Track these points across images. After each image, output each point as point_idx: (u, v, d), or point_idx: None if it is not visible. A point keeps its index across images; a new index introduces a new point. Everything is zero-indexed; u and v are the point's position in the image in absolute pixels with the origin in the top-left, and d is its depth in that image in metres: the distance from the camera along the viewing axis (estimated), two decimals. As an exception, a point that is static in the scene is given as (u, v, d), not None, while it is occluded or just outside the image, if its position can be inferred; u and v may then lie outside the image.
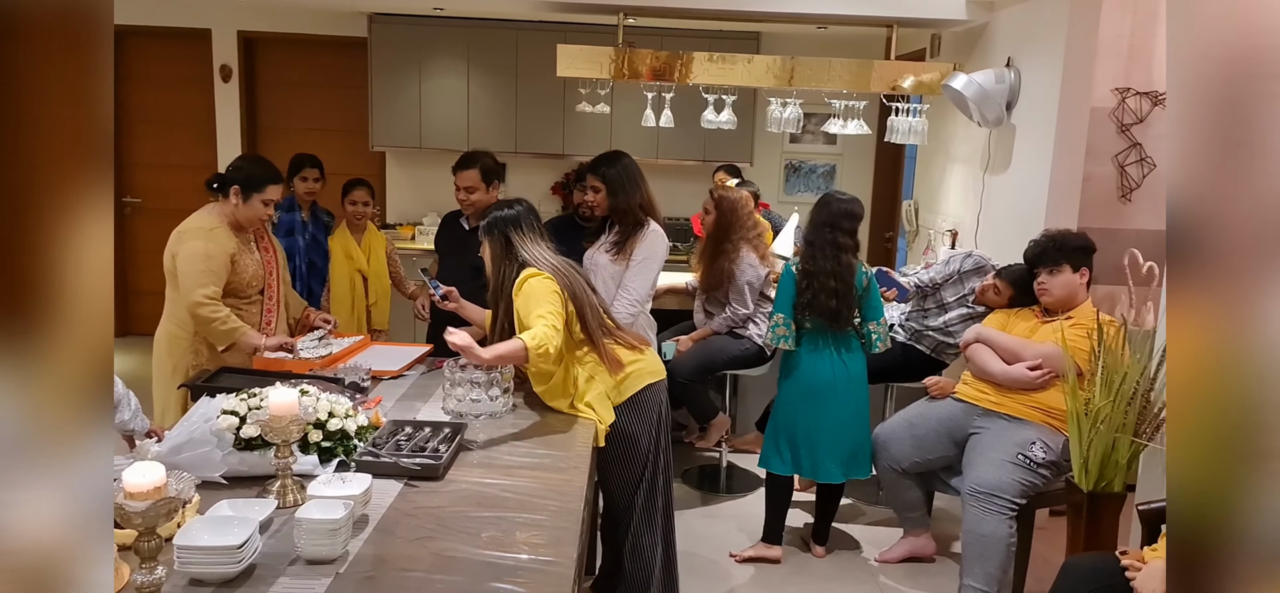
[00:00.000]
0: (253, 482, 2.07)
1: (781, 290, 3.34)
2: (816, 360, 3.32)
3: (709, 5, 4.35)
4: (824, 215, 3.30)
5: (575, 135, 6.02)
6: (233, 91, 6.17)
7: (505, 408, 2.67)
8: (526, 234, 2.69)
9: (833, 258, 3.25)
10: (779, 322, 3.32)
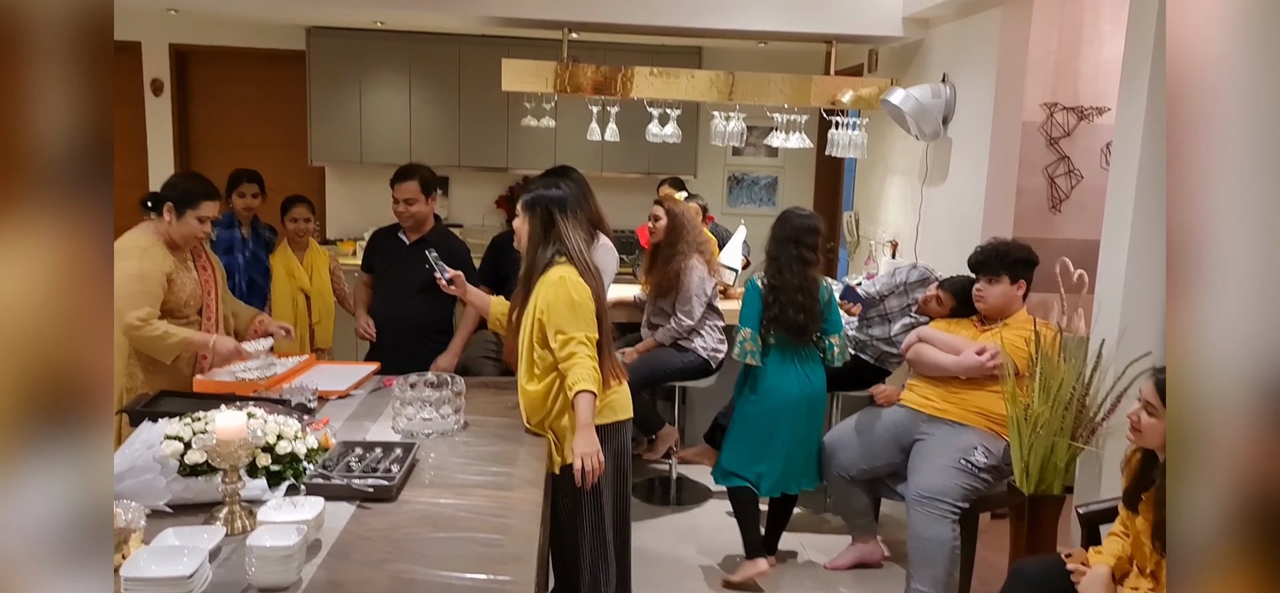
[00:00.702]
0: (198, 509, 2.01)
1: (747, 305, 3.33)
2: (782, 376, 3.31)
3: (651, 21, 4.39)
4: (787, 231, 3.32)
5: (519, 149, 6.00)
6: (165, 106, 5.99)
7: (457, 426, 2.65)
8: (571, 219, 2.52)
9: (799, 273, 3.27)
10: (746, 337, 3.29)
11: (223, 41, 5.97)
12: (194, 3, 4.25)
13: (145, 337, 2.85)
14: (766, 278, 3.32)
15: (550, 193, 2.53)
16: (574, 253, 2.50)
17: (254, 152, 5.90)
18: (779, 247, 3.32)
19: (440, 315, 3.70)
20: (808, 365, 3.34)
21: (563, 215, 2.51)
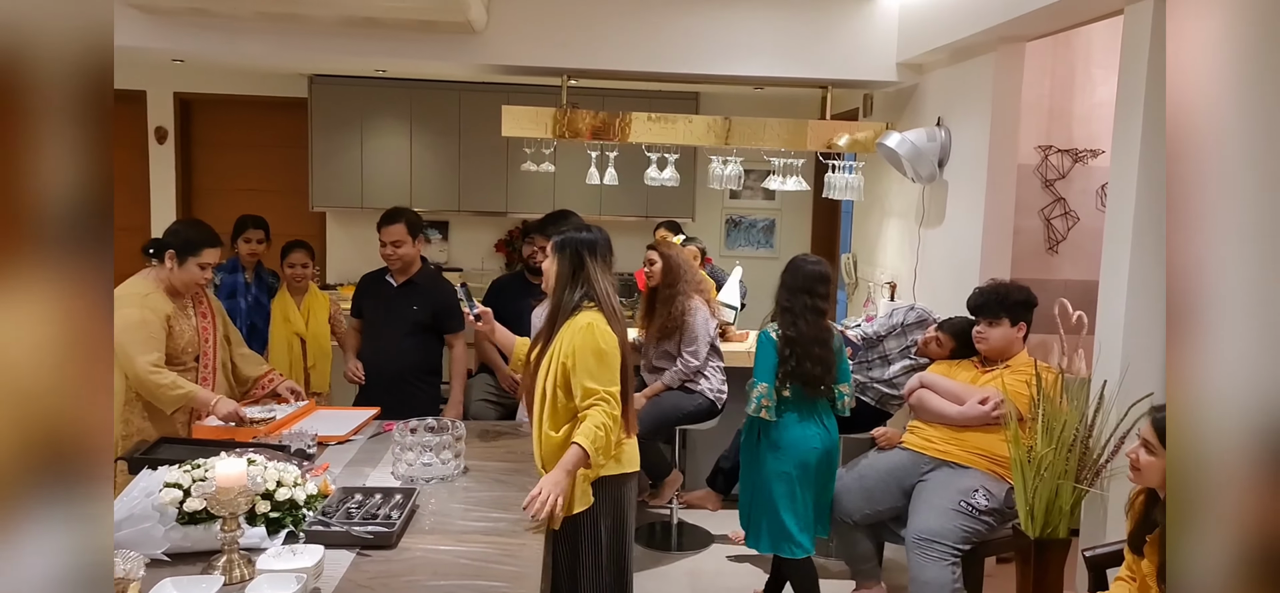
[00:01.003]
0: (196, 558, 1.99)
1: (762, 359, 3.18)
2: (805, 430, 3.17)
3: (649, 67, 4.45)
4: (799, 280, 3.20)
5: (519, 193, 6.05)
6: (168, 153, 6.05)
7: (457, 471, 2.64)
8: (599, 263, 2.50)
9: (814, 323, 3.15)
10: (763, 392, 3.13)
11: (226, 90, 6.04)
12: (198, 52, 4.30)
13: (154, 383, 2.85)
14: (780, 329, 3.19)
15: (581, 235, 2.51)
16: (602, 297, 2.48)
17: (256, 197, 5.94)
18: (792, 297, 3.20)
19: (428, 358, 3.72)
20: (826, 416, 3.22)
21: (592, 258, 2.49)
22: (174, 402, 2.89)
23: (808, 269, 3.23)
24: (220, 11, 3.89)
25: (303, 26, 4.12)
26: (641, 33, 4.37)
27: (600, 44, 4.36)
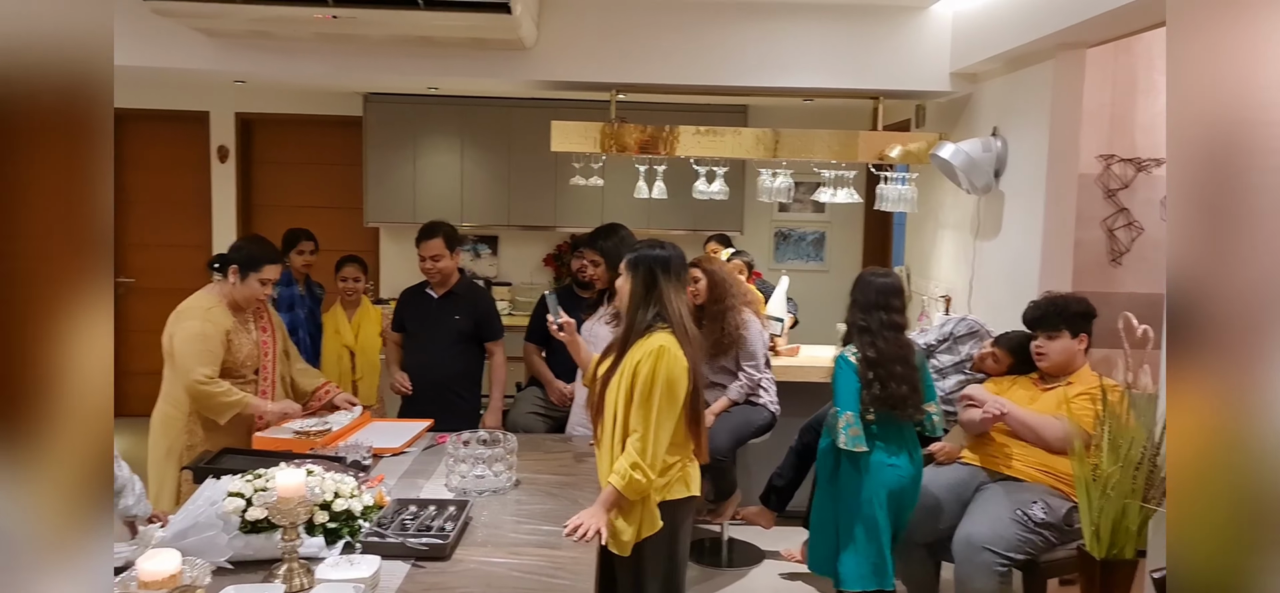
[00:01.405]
0: (257, 566, 2.03)
1: (843, 386, 3.02)
2: (893, 459, 2.99)
3: (698, 80, 4.45)
4: (870, 296, 3.04)
5: (567, 208, 6.09)
6: (229, 171, 6.22)
7: (509, 484, 2.66)
8: (673, 282, 2.47)
9: (893, 340, 2.98)
10: (849, 421, 2.95)
11: (285, 109, 6.20)
12: (259, 73, 4.43)
13: (207, 393, 2.93)
14: (858, 351, 3.01)
15: (654, 253, 2.48)
16: (674, 317, 2.45)
17: (312, 213, 6.07)
18: (867, 314, 3.02)
19: (471, 367, 3.80)
20: (913, 443, 3.05)
21: (666, 277, 2.46)
22: (228, 409, 2.96)
23: (879, 283, 3.07)
24: (281, 33, 4.00)
25: (359, 46, 4.21)
26: (690, 46, 4.38)
27: (649, 58, 4.37)
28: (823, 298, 6.31)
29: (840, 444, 2.99)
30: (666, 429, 2.39)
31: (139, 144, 6.26)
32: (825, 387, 4.31)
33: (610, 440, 2.46)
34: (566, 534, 2.31)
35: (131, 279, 6.34)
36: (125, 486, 2.08)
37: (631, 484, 2.34)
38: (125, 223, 6.30)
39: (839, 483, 3.11)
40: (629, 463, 2.35)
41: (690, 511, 2.56)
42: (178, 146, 6.24)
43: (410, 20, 3.66)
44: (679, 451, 2.49)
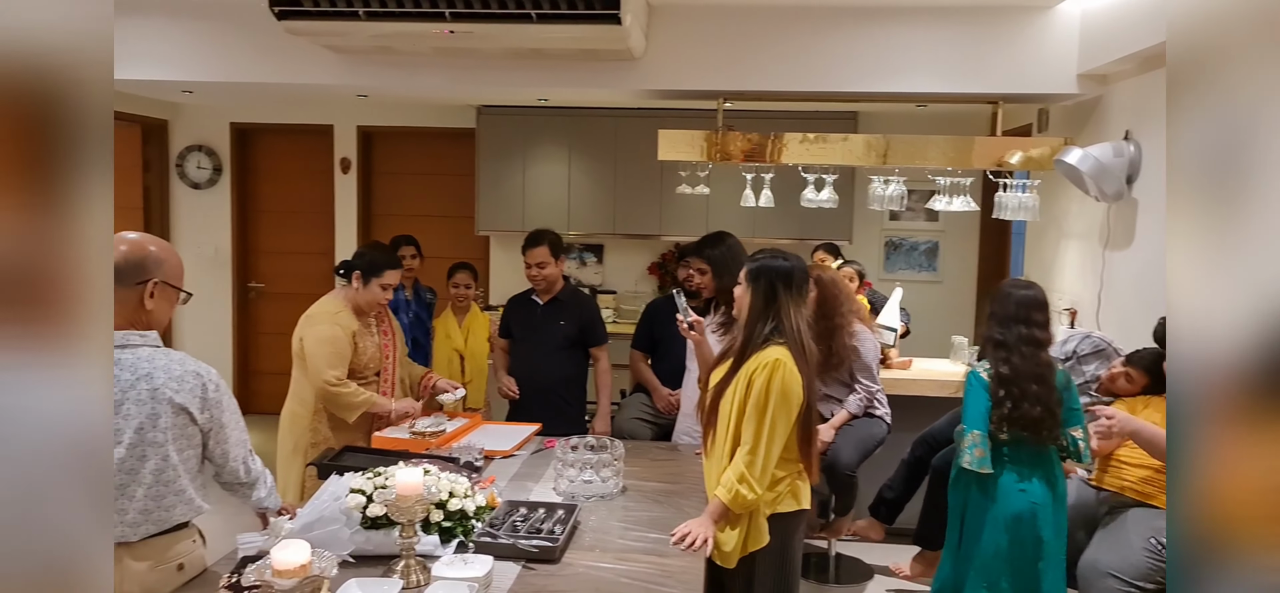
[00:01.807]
0: (377, 561, 2.11)
1: (972, 403, 2.87)
2: (1030, 484, 2.84)
3: (807, 87, 4.39)
4: (1010, 308, 2.89)
5: (672, 216, 6.10)
6: (351, 182, 6.53)
7: (616, 490, 2.68)
8: (794, 297, 2.43)
9: (1031, 357, 2.82)
10: (975, 441, 2.81)
11: (403, 122, 6.46)
12: (381, 87, 4.63)
13: (336, 394, 3.08)
14: (992, 367, 2.87)
15: (775, 265, 2.44)
16: (791, 332, 2.41)
17: (426, 222, 6.30)
18: (1004, 328, 2.88)
19: (576, 372, 3.84)
20: (1052, 469, 2.88)
21: (786, 291, 2.42)
22: (355, 409, 3.11)
23: (1020, 295, 2.91)
24: (401, 49, 4.17)
25: (474, 60, 4.34)
26: (799, 53, 4.32)
27: (757, 66, 4.34)
28: (936, 309, 6.12)
29: (964, 465, 2.86)
30: (778, 444, 2.36)
31: (270, 156, 6.65)
32: (938, 400, 4.18)
33: (721, 451, 2.45)
34: (673, 542, 2.31)
35: (261, 284, 6.73)
36: (258, 479, 2.20)
37: (737, 498, 2.33)
38: (256, 231, 6.70)
39: (967, 505, 2.98)
40: (736, 476, 2.34)
41: (800, 525, 2.52)
42: (304, 158, 6.60)
43: (523, 33, 3.76)
44: (790, 466, 2.45)
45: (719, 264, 3.47)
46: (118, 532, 1.91)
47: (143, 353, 1.94)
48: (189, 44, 4.39)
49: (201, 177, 6.46)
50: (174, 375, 1.95)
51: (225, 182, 6.49)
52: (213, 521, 2.18)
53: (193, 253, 6.40)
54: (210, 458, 2.07)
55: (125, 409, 1.89)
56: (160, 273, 1.98)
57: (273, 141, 6.63)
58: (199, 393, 1.98)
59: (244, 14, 4.25)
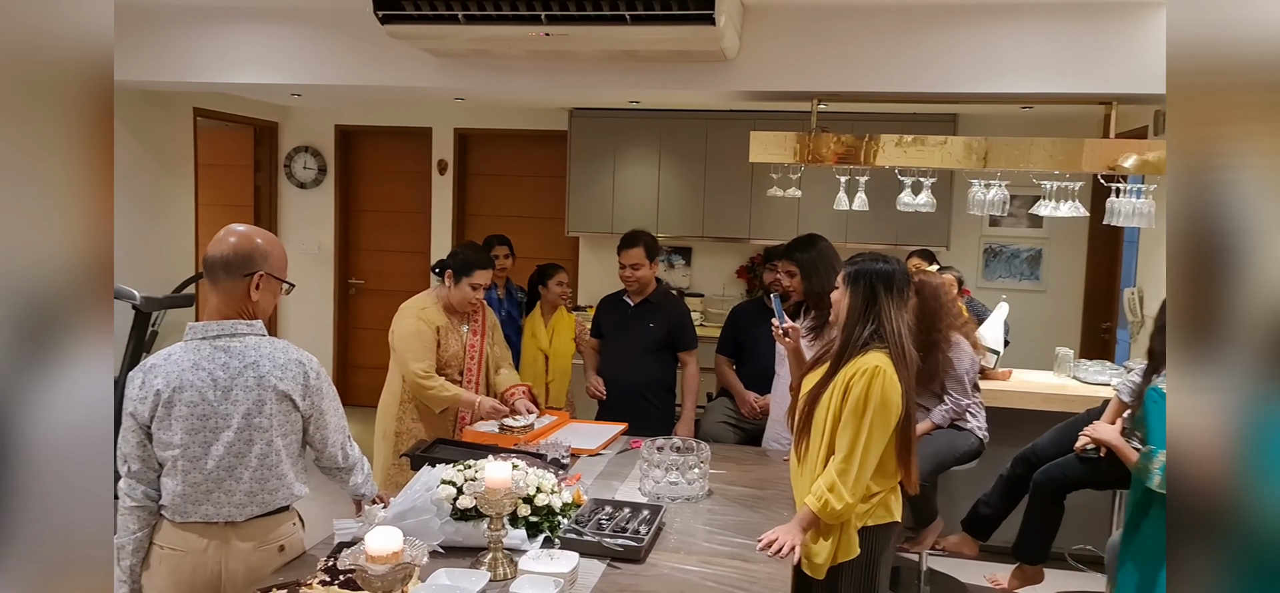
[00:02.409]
0: (465, 552, 2.15)
1: (1155, 421, 2.72)
2: None
3: (905, 87, 4.26)
4: None
5: (762, 220, 6.04)
6: (447, 183, 6.70)
7: (702, 492, 2.65)
8: (895, 300, 2.37)
9: None
10: (1164, 463, 2.63)
11: (497, 125, 6.60)
12: (477, 90, 4.73)
13: (423, 386, 3.16)
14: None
15: (876, 267, 2.39)
16: (892, 336, 2.35)
17: (518, 223, 6.41)
18: None
19: (664, 375, 3.83)
20: None
21: (887, 294, 2.36)
22: (440, 402, 3.19)
23: None
24: (497, 51, 4.25)
25: (568, 62, 4.39)
26: (897, 52, 4.20)
27: (853, 66, 4.24)
28: (1038, 320, 5.86)
29: (1152, 486, 2.69)
30: (874, 455, 2.29)
31: (372, 157, 6.89)
32: (1039, 414, 3.99)
33: (813, 459, 2.39)
34: (760, 548, 2.27)
35: (361, 281, 6.98)
36: (356, 465, 2.27)
37: (827, 507, 2.27)
38: (358, 230, 6.95)
39: (1147, 529, 2.79)
40: (826, 485, 2.28)
41: (891, 538, 2.44)
42: (404, 160, 6.81)
43: (617, 35, 3.77)
44: (886, 480, 2.38)
45: (809, 267, 3.40)
46: (225, 512, 2.00)
47: (249, 342, 2.03)
48: (298, 48, 4.58)
49: (307, 176, 6.75)
50: (278, 363, 2.03)
51: (329, 181, 6.76)
52: (311, 507, 2.26)
53: (298, 249, 6.69)
54: (310, 443, 2.15)
55: (234, 395, 1.98)
56: (266, 265, 2.06)
57: (374, 143, 6.87)
58: (301, 380, 2.06)
59: (349, 19, 4.41)
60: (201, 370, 1.98)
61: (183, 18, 4.60)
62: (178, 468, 1.98)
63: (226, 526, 2.01)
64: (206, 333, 2.01)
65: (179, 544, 2.01)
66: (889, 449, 2.32)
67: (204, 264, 2.06)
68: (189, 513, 2.00)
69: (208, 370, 1.98)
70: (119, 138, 5.01)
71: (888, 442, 2.31)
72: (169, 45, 4.65)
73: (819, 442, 2.37)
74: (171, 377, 1.97)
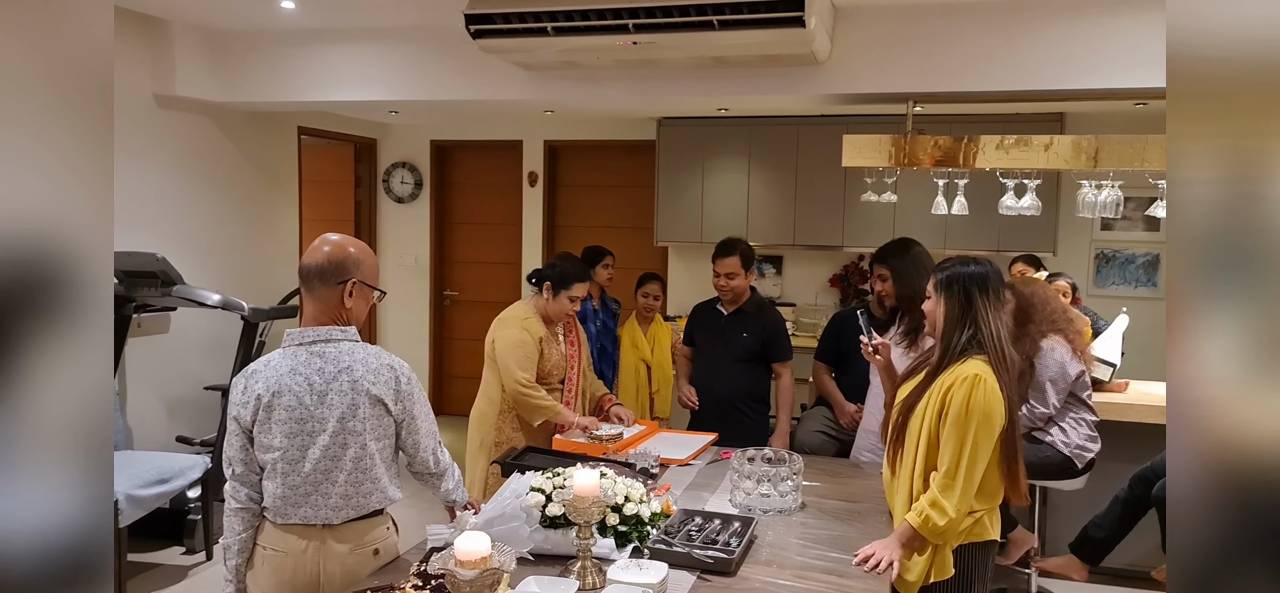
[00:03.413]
0: (554, 560, 2.14)
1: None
2: None
3: (1007, 86, 4.08)
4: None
5: (856, 227, 5.88)
6: (537, 195, 6.80)
7: (795, 505, 2.58)
8: (992, 301, 2.28)
9: None
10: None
11: (587, 136, 6.66)
12: (566, 102, 4.78)
13: (525, 395, 3.18)
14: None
15: (969, 270, 2.30)
16: (991, 338, 2.25)
17: (607, 233, 6.44)
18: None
19: (758, 385, 3.75)
20: None
21: (982, 296, 2.27)
22: (541, 413, 3.20)
23: None
24: (586, 62, 4.28)
25: (656, 71, 4.38)
26: (998, 49, 4.03)
27: (950, 65, 4.09)
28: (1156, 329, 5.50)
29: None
30: (978, 469, 2.18)
31: (465, 171, 7.05)
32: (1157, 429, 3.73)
33: (910, 473, 2.29)
34: (856, 563, 2.18)
35: (455, 292, 7.14)
36: (446, 470, 2.30)
37: (928, 524, 2.17)
38: (453, 242, 7.12)
39: None
40: (929, 502, 2.18)
41: (988, 557, 2.32)
42: (495, 172, 6.94)
43: (705, 42, 3.74)
44: (989, 497, 2.26)
45: (901, 272, 3.29)
46: (322, 514, 2.05)
47: (343, 347, 2.07)
48: (395, 66, 4.72)
49: (404, 191, 6.95)
50: (371, 368, 2.07)
51: (425, 195, 6.95)
52: (406, 512, 2.30)
53: (395, 262, 6.90)
54: (402, 448, 2.18)
55: (329, 399, 2.03)
56: (358, 273, 2.11)
57: (467, 157, 7.03)
58: (393, 385, 2.09)
59: (444, 36, 4.52)
60: (299, 375, 2.03)
61: (288, 41, 4.81)
62: (277, 471, 2.03)
63: (324, 528, 2.06)
64: (303, 339, 2.07)
65: (280, 545, 2.06)
66: (992, 461, 2.20)
67: (300, 273, 2.11)
68: (289, 515, 2.05)
69: (304, 375, 2.03)
70: (228, 156, 5.28)
71: (992, 455, 2.19)
72: (275, 68, 4.86)
73: (913, 454, 2.28)
74: (271, 382, 2.03)
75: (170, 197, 4.85)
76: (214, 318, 4.94)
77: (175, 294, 4.11)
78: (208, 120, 5.10)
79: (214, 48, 4.85)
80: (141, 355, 4.71)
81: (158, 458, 4.04)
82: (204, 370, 5.05)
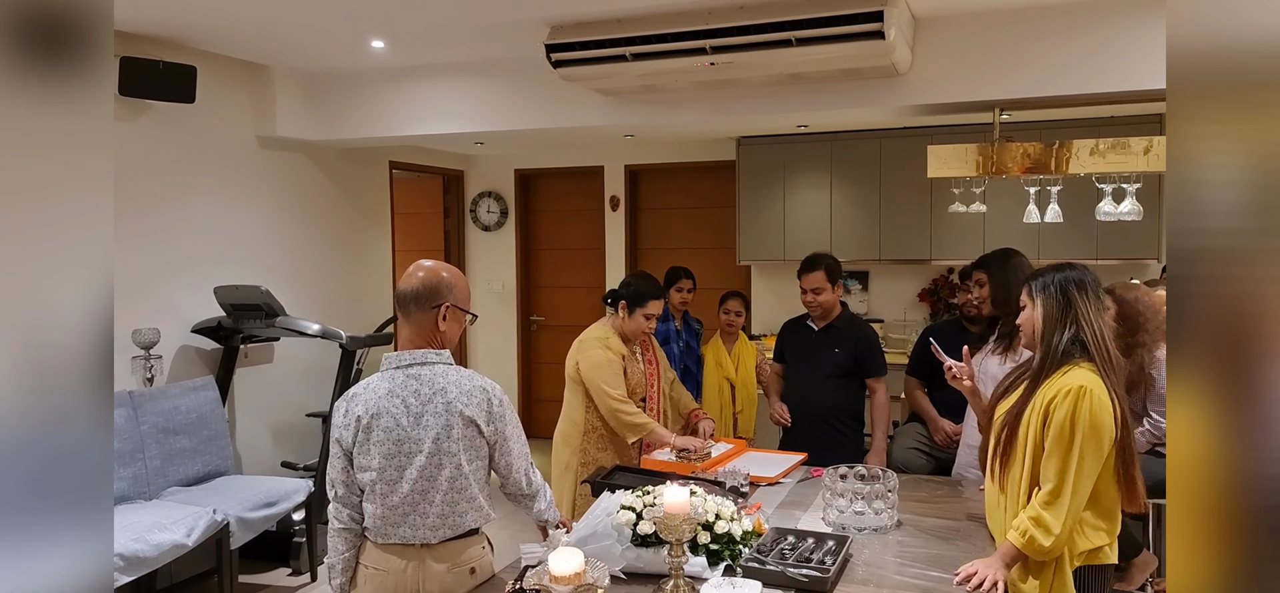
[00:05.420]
0: (646, 579, 2.14)
1: None
2: None
3: (1099, 88, 3.93)
4: None
5: (944, 239, 5.74)
6: (619, 219, 6.87)
7: (890, 523, 2.52)
8: (1092, 300, 2.18)
9: None
10: None
11: (666, 159, 6.70)
12: (646, 125, 4.83)
13: (619, 411, 3.21)
14: None
15: (1064, 273, 2.21)
16: (1095, 339, 2.15)
17: (689, 254, 6.46)
18: None
19: (851, 402, 3.69)
20: None
21: (1082, 296, 2.17)
22: (635, 430, 3.22)
23: None
24: (664, 86, 4.32)
25: (734, 91, 4.39)
26: (1089, 51, 3.89)
27: (1038, 68, 3.97)
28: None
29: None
30: (1085, 483, 2.08)
31: (549, 198, 7.18)
32: None
33: (1016, 489, 2.20)
34: (957, 582, 2.11)
35: (541, 317, 7.26)
36: (538, 491, 2.34)
37: (1031, 543, 2.08)
38: (538, 268, 7.25)
39: None
40: (1031, 518, 2.09)
41: (1106, 582, 2.21)
42: (578, 198, 7.05)
43: (783, 59, 3.74)
44: (1108, 518, 2.16)
45: (1000, 277, 3.20)
46: (420, 534, 2.11)
47: (438, 369, 2.14)
48: (480, 98, 4.87)
49: (491, 219, 7.13)
50: (464, 389, 2.13)
51: (510, 223, 7.11)
52: (501, 532, 2.34)
53: (484, 289, 7.06)
54: (496, 469, 2.23)
55: (425, 421, 2.09)
56: (451, 297, 2.18)
57: (550, 185, 7.16)
58: (485, 406, 2.14)
59: (526, 67, 4.64)
60: (396, 398, 2.10)
61: (379, 79, 5.02)
62: (376, 491, 2.11)
63: (422, 547, 2.12)
64: (400, 363, 2.14)
65: (381, 564, 2.13)
66: (1106, 474, 2.10)
67: (396, 298, 2.20)
68: (388, 535, 2.12)
69: (401, 397, 2.10)
70: (324, 192, 5.52)
71: (1105, 468, 2.10)
72: (367, 105, 5.07)
73: (1020, 470, 2.19)
74: (370, 404, 2.11)
75: (271, 232, 5.10)
76: (314, 347, 5.15)
77: (278, 325, 4.32)
78: (305, 158, 5.35)
79: (310, 90, 5.10)
80: (248, 385, 4.95)
81: (264, 482, 4.23)
82: (306, 398, 5.27)
